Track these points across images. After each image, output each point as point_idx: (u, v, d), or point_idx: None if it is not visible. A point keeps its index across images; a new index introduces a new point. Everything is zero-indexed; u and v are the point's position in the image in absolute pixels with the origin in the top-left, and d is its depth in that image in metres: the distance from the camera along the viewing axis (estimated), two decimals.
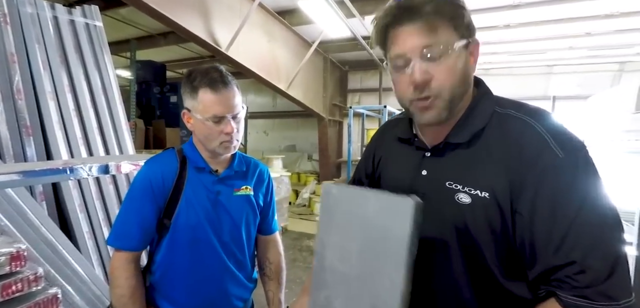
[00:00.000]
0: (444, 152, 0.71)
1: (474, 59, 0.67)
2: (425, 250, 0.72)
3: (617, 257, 0.57)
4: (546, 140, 0.61)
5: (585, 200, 0.58)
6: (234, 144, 1.00)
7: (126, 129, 2.53)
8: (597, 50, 4.44)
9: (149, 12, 3.22)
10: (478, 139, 0.67)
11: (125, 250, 0.97)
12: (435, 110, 0.65)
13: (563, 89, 5.79)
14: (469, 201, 0.65)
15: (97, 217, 2.13)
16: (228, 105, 0.96)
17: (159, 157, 1.06)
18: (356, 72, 7.80)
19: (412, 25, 0.62)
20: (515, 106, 0.69)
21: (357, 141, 7.01)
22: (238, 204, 1.06)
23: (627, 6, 2.99)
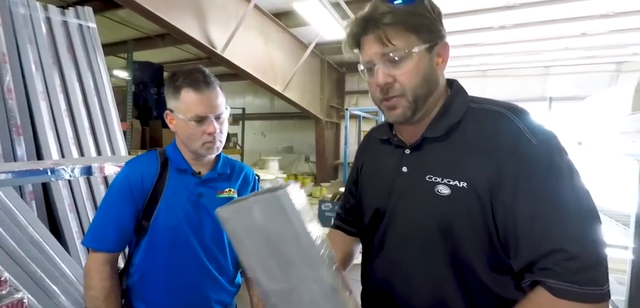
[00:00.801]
0: (422, 147, 0.74)
1: (442, 59, 0.72)
2: (408, 245, 0.74)
3: (602, 244, 0.59)
4: (520, 129, 0.64)
5: (565, 187, 0.61)
6: (216, 144, 0.99)
7: (119, 130, 2.52)
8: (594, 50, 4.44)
9: (144, 14, 3.23)
10: (454, 132, 0.70)
11: (101, 251, 0.94)
12: (400, 109, 0.70)
13: (560, 90, 5.78)
14: (448, 192, 0.67)
15: (87, 217, 2.12)
16: (210, 105, 0.95)
17: (139, 158, 1.05)
18: (353, 74, 7.81)
19: (373, 35, 0.68)
20: (489, 101, 0.72)
21: (354, 143, 6.99)
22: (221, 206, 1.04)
23: (622, 6, 2.99)
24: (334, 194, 5.56)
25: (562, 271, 0.57)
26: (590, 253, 0.57)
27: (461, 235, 0.67)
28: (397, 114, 0.71)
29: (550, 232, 0.59)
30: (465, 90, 0.76)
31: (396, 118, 0.72)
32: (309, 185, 7.28)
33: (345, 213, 0.97)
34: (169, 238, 0.97)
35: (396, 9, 0.67)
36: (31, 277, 1.57)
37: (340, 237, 0.97)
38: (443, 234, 0.68)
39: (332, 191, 5.91)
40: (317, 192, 6.63)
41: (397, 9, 0.67)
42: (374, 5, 0.69)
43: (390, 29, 0.67)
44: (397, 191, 0.75)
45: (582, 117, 3.11)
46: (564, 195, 0.60)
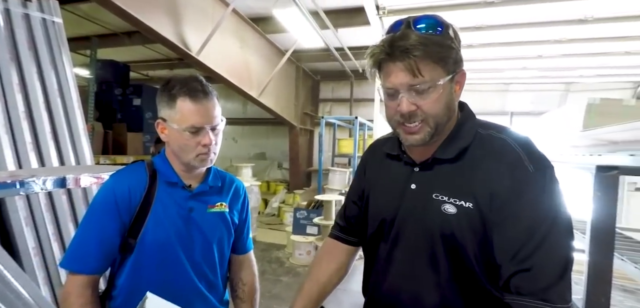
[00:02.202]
0: (431, 167, 0.77)
1: (459, 86, 0.75)
2: (416, 259, 0.77)
3: (567, 263, 0.65)
4: (520, 157, 0.69)
5: (548, 212, 0.66)
6: (211, 156, 0.96)
7: (84, 135, 2.35)
8: (547, 71, 4.87)
9: (115, 10, 3.07)
10: (463, 155, 0.74)
11: (81, 274, 0.87)
12: (421, 134, 0.73)
13: (518, 106, 6.27)
14: (454, 211, 0.71)
15: (46, 231, 1.93)
16: (207, 115, 0.92)
17: (126, 169, 0.99)
18: (328, 82, 7.91)
19: (402, 64, 0.69)
20: (497, 128, 0.77)
21: (328, 150, 7.06)
22: (212, 222, 1.01)
23: (572, 34, 3.32)
24: (309, 202, 5.57)
25: (529, 289, 0.64)
26: (555, 272, 0.64)
27: (465, 250, 0.71)
28: (417, 138, 0.73)
29: (523, 252, 0.65)
30: (474, 114, 0.81)
31: (415, 142, 0.74)
32: (282, 192, 7.22)
33: (345, 223, 0.98)
34: (158, 256, 0.92)
35: (427, 40, 0.68)
36: None
37: (335, 246, 0.98)
38: (449, 250, 0.72)
39: (306, 198, 5.91)
40: (290, 199, 6.60)
41: (428, 40, 0.68)
42: (405, 33, 0.69)
43: (421, 61, 0.67)
44: (406, 206, 0.79)
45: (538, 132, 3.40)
46: (545, 222, 0.65)
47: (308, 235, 4.67)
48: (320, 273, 0.95)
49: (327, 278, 0.94)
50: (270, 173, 8.67)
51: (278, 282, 3.97)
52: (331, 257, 0.97)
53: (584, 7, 2.80)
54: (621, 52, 3.69)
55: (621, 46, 3.51)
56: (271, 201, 6.98)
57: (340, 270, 0.96)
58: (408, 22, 0.71)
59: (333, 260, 0.96)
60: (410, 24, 0.70)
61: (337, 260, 0.96)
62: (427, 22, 0.69)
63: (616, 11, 2.83)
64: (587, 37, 3.35)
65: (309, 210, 4.88)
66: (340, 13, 4.47)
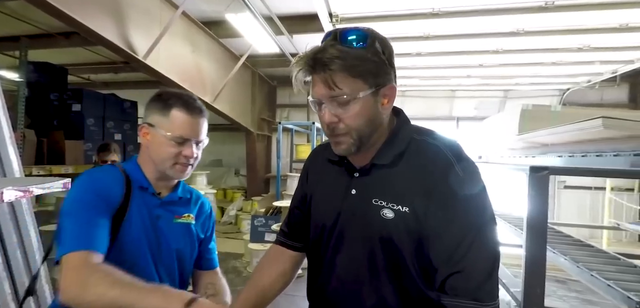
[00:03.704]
0: (370, 172, 0.79)
1: (388, 100, 0.76)
2: (356, 263, 0.79)
3: (494, 262, 0.71)
4: (451, 163, 0.73)
5: (476, 216, 0.71)
6: (188, 169, 0.99)
7: (11, 143, 2.10)
8: (488, 79, 5.33)
9: (49, 10, 2.80)
10: (399, 161, 0.77)
11: (85, 251, 0.80)
12: (345, 145, 0.75)
13: (463, 111, 6.77)
14: (392, 216, 0.73)
15: None
16: (197, 130, 0.98)
17: (101, 170, 0.99)
18: (285, 88, 7.88)
19: (320, 76, 0.71)
20: (430, 134, 0.81)
21: (286, 156, 7.02)
22: (177, 231, 1.02)
23: (509, 45, 3.68)
24: (267, 208, 5.48)
25: (461, 290, 0.69)
26: (485, 273, 0.70)
27: (403, 254, 0.74)
28: (342, 149, 0.76)
29: (456, 255, 0.69)
30: (409, 119, 0.84)
31: (341, 152, 0.78)
32: (240, 200, 7.04)
33: (289, 229, 0.98)
34: (130, 259, 0.90)
35: (345, 53, 0.69)
36: None
37: (281, 252, 0.98)
38: (388, 254, 0.75)
39: (264, 205, 5.82)
40: (248, 207, 6.45)
41: (346, 54, 0.70)
42: (324, 47, 0.71)
43: (337, 75, 0.69)
44: (346, 211, 0.80)
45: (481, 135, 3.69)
46: (474, 226, 0.70)
47: (266, 242, 4.59)
48: (263, 279, 0.94)
49: (269, 284, 0.93)
50: (227, 181, 8.42)
51: (235, 293, 3.84)
52: (275, 262, 0.97)
53: (516, 21, 3.11)
54: (550, 62, 4.16)
55: (550, 57, 3.97)
56: (228, 209, 6.77)
57: (284, 276, 0.96)
58: (335, 34, 0.72)
59: (276, 266, 0.96)
60: (336, 36, 0.72)
61: (281, 265, 0.96)
62: (351, 35, 0.71)
63: (545, 25, 3.18)
64: (520, 48, 3.72)
65: (267, 217, 4.81)
66: (295, 19, 4.48)
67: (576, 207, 6.05)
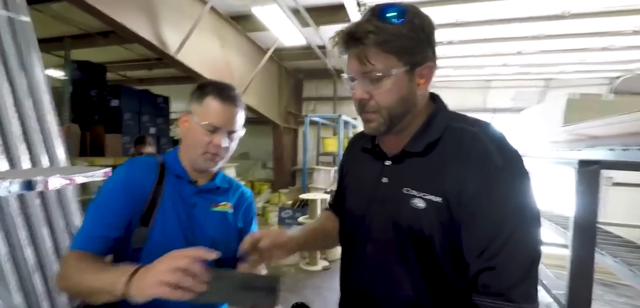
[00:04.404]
0: (402, 160, 0.77)
1: (425, 80, 0.73)
2: (385, 253, 0.76)
3: (532, 261, 0.64)
4: (490, 151, 0.68)
5: (515, 208, 0.65)
6: (217, 160, 0.97)
7: (58, 137, 2.24)
8: (527, 67, 4.98)
9: (87, 9, 2.94)
10: (433, 149, 0.73)
11: (80, 250, 0.85)
12: (375, 123, 0.74)
13: (499, 102, 6.41)
14: (423, 206, 0.70)
15: (17, 236, 1.84)
16: (229, 120, 0.96)
17: (138, 160, 1.00)
18: (311, 81, 7.86)
19: (354, 51, 0.70)
20: (468, 121, 0.76)
21: (313, 149, 7.03)
22: (214, 220, 1.00)
23: (551, 29, 3.40)
24: (294, 201, 5.52)
25: (496, 290, 0.63)
26: (522, 272, 0.63)
27: (434, 246, 0.69)
28: (372, 127, 0.75)
29: (489, 250, 0.64)
30: (447, 106, 0.80)
31: (371, 130, 0.76)
32: (267, 192, 7.15)
33: (333, 204, 1.04)
34: (165, 248, 0.87)
35: (380, 28, 0.67)
36: None
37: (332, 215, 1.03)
38: (418, 245, 0.71)
39: (291, 197, 5.87)
40: (275, 199, 6.54)
41: (381, 29, 0.67)
42: (360, 22, 0.70)
43: (370, 50, 0.68)
44: (377, 200, 0.78)
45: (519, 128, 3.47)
46: (512, 219, 0.64)
47: None
48: (327, 222, 1.01)
49: (332, 227, 0.98)
50: (255, 173, 8.57)
51: None
52: (333, 218, 1.03)
53: (562, 3, 2.86)
54: (599, 47, 3.81)
55: (599, 42, 3.63)
56: (256, 201, 6.89)
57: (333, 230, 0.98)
58: (373, 9, 0.70)
59: (334, 221, 1.00)
60: (374, 12, 0.70)
61: (335, 222, 0.99)
62: (389, 10, 0.69)
63: (594, 7, 2.90)
64: (565, 33, 3.43)
65: (294, 209, 4.85)
66: (322, 10, 4.43)
67: (626, 206, 5.58)
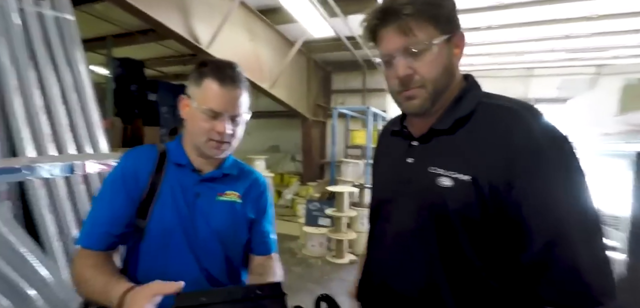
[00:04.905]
0: (429, 139, 0.74)
1: (459, 50, 0.72)
2: (404, 233, 0.74)
3: (606, 256, 0.58)
4: (533, 128, 0.63)
5: (573, 195, 0.60)
6: (223, 147, 0.90)
7: (100, 127, 2.39)
8: (576, 53, 4.57)
9: (125, 7, 3.09)
10: (463, 126, 0.70)
11: (87, 248, 0.86)
12: (419, 99, 0.70)
13: (542, 91, 5.95)
14: (450, 184, 0.67)
15: (65, 218, 1.99)
16: (230, 103, 0.88)
17: (136, 150, 0.97)
18: (340, 73, 7.78)
19: (394, 26, 0.68)
20: (503, 98, 0.72)
21: (341, 142, 6.98)
22: (220, 211, 0.93)
23: (604, 9, 3.08)
24: (322, 193, 5.52)
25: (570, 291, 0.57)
26: (597, 268, 0.57)
27: (458, 227, 0.66)
28: (416, 104, 0.71)
29: (558, 245, 0.58)
30: (479, 85, 0.75)
31: (414, 109, 0.72)
32: (296, 185, 7.21)
33: None
34: (162, 240, 0.88)
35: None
36: (5, 280, 1.47)
37: None
38: (440, 227, 0.68)
39: (319, 190, 5.87)
40: (303, 192, 6.57)
41: None
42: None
43: (412, 20, 0.66)
44: (401, 181, 0.76)
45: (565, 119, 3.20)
46: (571, 204, 0.59)
47: (320, 226, 4.64)
48: None
49: None
50: (284, 166, 8.67)
51: (290, 272, 3.97)
52: None
53: None
54: None
55: None
56: (284, 193, 6.98)
57: None
58: None
59: None
60: None
61: None
62: None
63: None
64: (620, 12, 3.07)
65: (321, 202, 4.84)
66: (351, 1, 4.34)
67: None
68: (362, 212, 4.67)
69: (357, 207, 4.82)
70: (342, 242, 4.32)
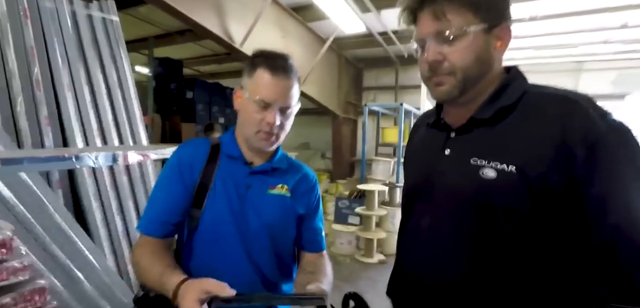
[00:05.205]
0: (470, 130, 0.71)
1: (501, 43, 0.68)
2: (443, 228, 0.71)
3: None
4: (593, 117, 0.58)
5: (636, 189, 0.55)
6: (272, 139, 0.90)
7: (141, 122, 2.55)
8: (634, 44, 4.14)
9: (167, 9, 3.26)
10: (508, 115, 0.67)
11: (147, 235, 0.89)
12: (447, 86, 0.68)
13: (595, 87, 5.40)
14: (493, 176, 0.64)
15: (111, 207, 2.14)
16: (280, 93, 0.87)
17: (190, 141, 1.00)
18: (371, 70, 7.67)
19: (428, 10, 0.66)
20: (553, 88, 0.68)
21: (372, 139, 6.88)
22: (271, 204, 0.93)
23: None
24: (351, 191, 5.48)
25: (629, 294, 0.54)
26: None
27: (501, 219, 0.63)
28: (443, 91, 0.69)
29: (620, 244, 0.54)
30: (524, 75, 0.71)
31: (441, 95, 0.70)
32: (325, 182, 7.22)
33: None
34: (214, 232, 0.89)
35: None
36: (57, 262, 1.60)
37: None
38: (483, 221, 0.65)
39: (348, 188, 5.83)
40: (333, 189, 6.57)
41: None
42: None
43: (447, 5, 0.64)
44: (438, 173, 0.73)
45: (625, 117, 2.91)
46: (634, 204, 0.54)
47: (349, 224, 4.60)
48: None
49: None
50: (314, 163, 8.71)
51: None
52: None
53: None
54: None
55: None
56: None
57: None
58: None
59: None
60: None
61: None
62: None
63: None
64: None
65: (351, 200, 4.80)
66: None
67: None
68: (392, 211, 4.57)
69: (387, 206, 4.73)
70: (371, 241, 4.26)
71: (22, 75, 1.95)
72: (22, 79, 1.94)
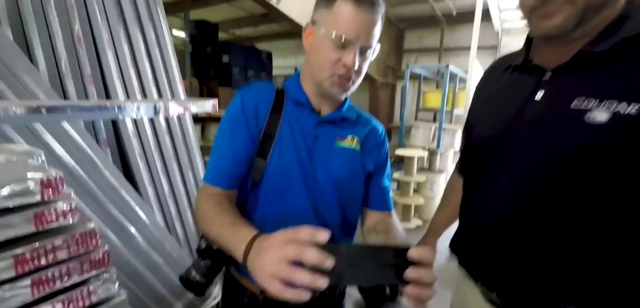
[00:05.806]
0: (573, 68, 0.60)
1: None
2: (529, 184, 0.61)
3: None
4: None
5: None
6: (348, 84, 0.79)
7: (180, 82, 2.53)
8: None
9: None
10: (629, 50, 0.55)
11: (211, 185, 0.82)
12: (561, 17, 0.57)
13: None
14: (605, 118, 0.53)
15: (156, 166, 2.17)
16: (363, 30, 0.74)
17: (253, 85, 0.89)
18: (414, 30, 7.19)
19: None
20: None
21: (412, 105, 6.54)
22: (340, 158, 0.84)
23: None
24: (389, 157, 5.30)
25: None
26: None
27: (615, 182, 0.53)
28: (556, 22, 0.58)
29: None
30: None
31: (549, 29, 0.59)
32: None
33: (460, 159, 0.93)
34: (281, 182, 0.81)
35: None
36: (111, 218, 1.66)
37: (457, 182, 0.94)
38: (583, 178, 0.55)
39: None
40: None
41: None
42: None
43: None
44: (525, 121, 0.64)
45: None
46: None
47: None
48: (453, 200, 0.95)
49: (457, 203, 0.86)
50: None
51: None
52: (454, 191, 0.97)
53: None
54: None
55: None
56: None
57: None
58: None
59: (455, 194, 0.92)
60: None
61: (457, 194, 0.86)
62: None
63: None
64: None
65: None
66: None
67: None
68: (432, 177, 4.37)
69: (425, 172, 4.51)
70: (409, 207, 4.13)
71: (64, 33, 1.95)
72: (64, 37, 1.95)
